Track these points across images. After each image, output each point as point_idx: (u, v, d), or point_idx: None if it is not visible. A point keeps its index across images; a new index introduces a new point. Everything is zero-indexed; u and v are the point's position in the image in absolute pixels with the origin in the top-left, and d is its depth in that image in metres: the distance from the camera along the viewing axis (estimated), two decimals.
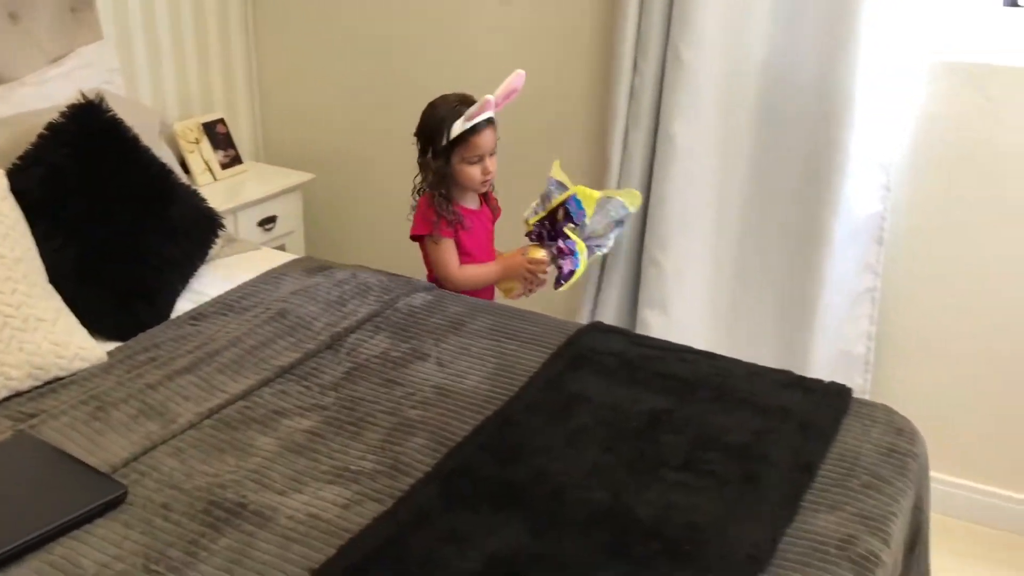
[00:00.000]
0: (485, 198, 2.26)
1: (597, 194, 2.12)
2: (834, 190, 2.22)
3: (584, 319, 2.53)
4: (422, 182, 2.16)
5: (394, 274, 2.19)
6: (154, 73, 2.79)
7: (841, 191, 2.21)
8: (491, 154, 2.11)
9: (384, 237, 3.07)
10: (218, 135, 2.92)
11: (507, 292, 2.25)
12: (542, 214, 2.16)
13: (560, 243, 2.12)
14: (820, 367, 2.31)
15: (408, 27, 2.80)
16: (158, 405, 1.65)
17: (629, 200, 2.15)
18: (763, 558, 1.31)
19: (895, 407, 1.74)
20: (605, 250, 2.19)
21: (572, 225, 2.12)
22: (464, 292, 2.15)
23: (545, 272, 2.19)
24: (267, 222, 2.84)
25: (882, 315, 2.36)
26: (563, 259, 2.13)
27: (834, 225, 2.23)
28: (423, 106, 2.12)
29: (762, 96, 2.30)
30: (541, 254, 2.17)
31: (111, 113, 2.08)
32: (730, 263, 2.42)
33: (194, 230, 2.18)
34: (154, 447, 1.55)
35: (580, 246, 2.12)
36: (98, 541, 1.33)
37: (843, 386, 1.76)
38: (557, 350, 1.86)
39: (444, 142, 2.07)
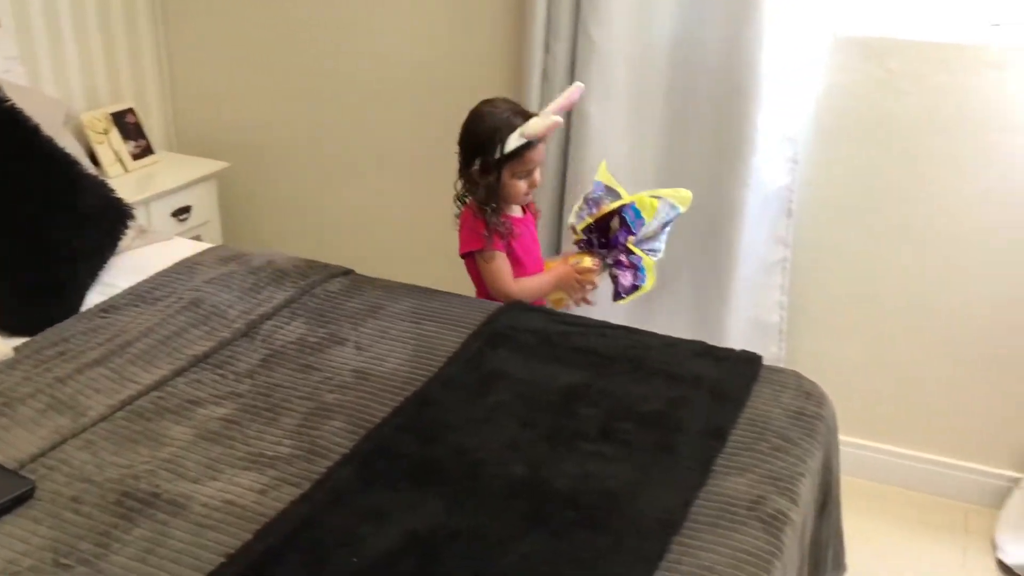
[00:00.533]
0: (526, 204, 2.15)
1: (656, 202, 2.00)
2: (744, 164, 2.27)
3: None
4: (466, 194, 2.04)
5: (311, 260, 2.17)
6: (57, 62, 2.71)
7: (751, 165, 2.26)
8: (537, 165, 2.00)
9: (301, 224, 3.04)
10: (128, 125, 2.85)
11: (556, 303, 2.13)
12: (589, 220, 2.03)
13: (622, 257, 2.02)
14: (736, 337, 2.37)
15: (322, 12, 2.77)
16: (67, 399, 1.61)
17: (679, 200, 2.02)
18: (675, 521, 1.34)
19: (808, 374, 1.79)
20: (659, 254, 2.08)
21: (632, 236, 2.01)
22: (528, 301, 2.04)
23: (594, 283, 2.07)
24: (181, 212, 2.79)
25: (793, 285, 2.42)
26: (622, 271, 2.03)
27: (745, 198, 2.28)
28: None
29: (672, 74, 2.33)
30: (589, 262, 2.05)
31: (9, 103, 2.01)
32: None
33: (102, 221, 2.13)
34: (64, 441, 1.51)
35: (647, 262, 2.03)
36: (4, 538, 1.30)
37: (753, 354, 1.81)
38: (476, 329, 1.87)
39: (497, 155, 1.93)
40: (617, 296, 2.06)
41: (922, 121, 2.23)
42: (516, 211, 2.08)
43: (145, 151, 2.88)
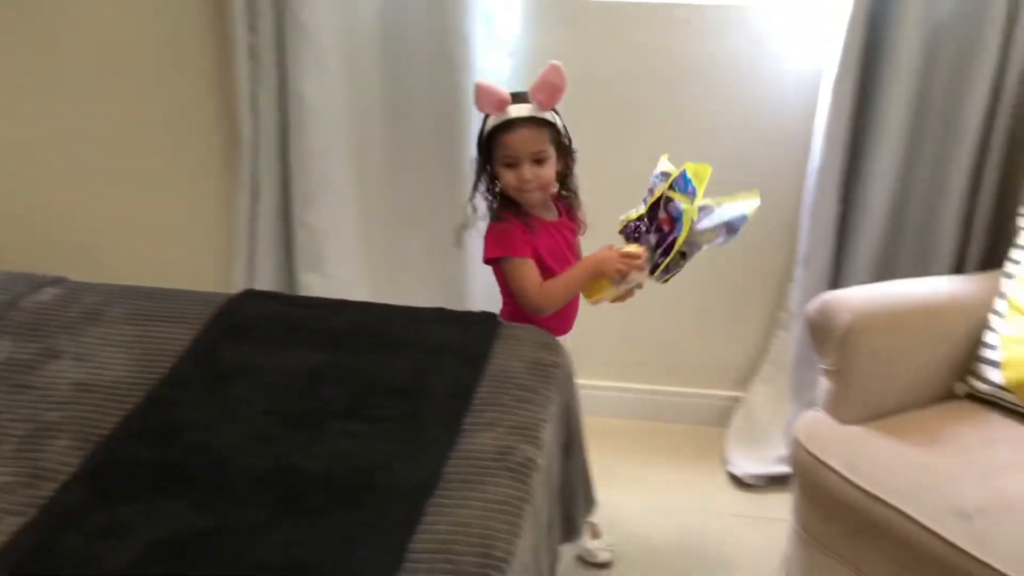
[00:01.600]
0: (568, 210, 1.94)
1: (709, 167, 1.74)
2: (464, 132, 2.32)
3: (240, 288, 2.46)
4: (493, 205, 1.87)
5: (12, 272, 1.98)
6: None
7: (470, 132, 2.31)
8: (534, 160, 1.76)
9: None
10: None
11: (595, 294, 1.84)
12: (643, 209, 1.82)
13: (661, 212, 1.76)
14: (479, 300, 2.43)
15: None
16: None
17: (748, 200, 1.76)
18: (428, 484, 1.37)
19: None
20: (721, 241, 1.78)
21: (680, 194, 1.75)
22: (559, 308, 1.84)
23: (641, 268, 1.79)
24: None
25: None
26: (667, 236, 1.75)
27: (468, 166, 2.33)
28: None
29: (385, 46, 2.33)
30: (635, 248, 1.79)
31: None
32: (380, 214, 2.46)
33: None
34: None
35: (687, 208, 1.72)
36: None
37: (491, 313, 1.87)
38: (208, 323, 1.79)
39: (482, 139, 1.82)
40: (655, 269, 1.77)
41: (623, 77, 2.37)
42: (548, 214, 1.90)
43: None
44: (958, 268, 2.20)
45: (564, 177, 1.88)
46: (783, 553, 1.95)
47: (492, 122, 1.77)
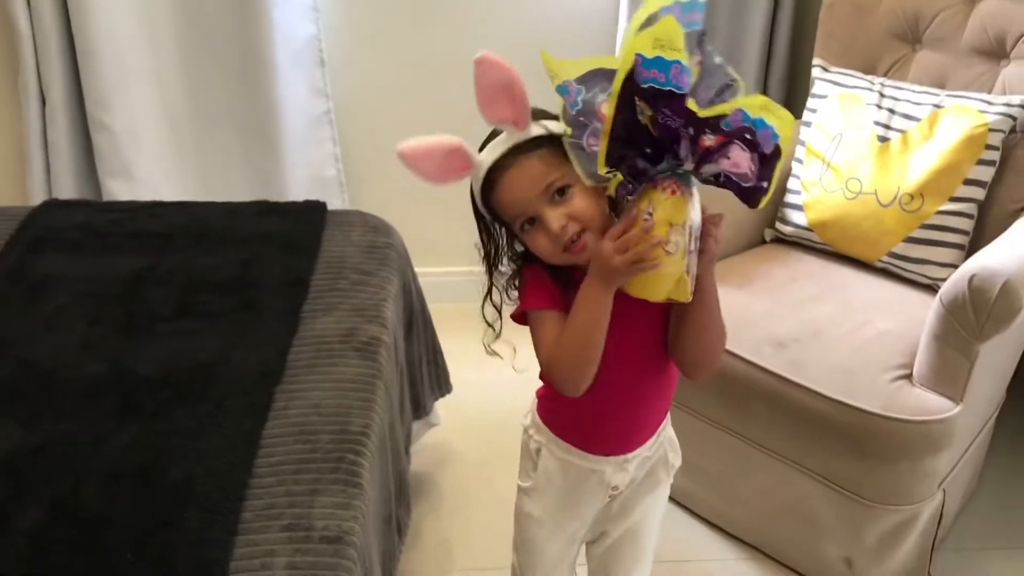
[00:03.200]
0: None
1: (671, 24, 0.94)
2: (265, 17, 2.20)
3: (38, 201, 2.28)
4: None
5: None
6: None
7: (271, 17, 2.20)
8: (554, 197, 1.07)
9: None
10: None
11: (649, 290, 1.03)
12: (602, 141, 1.01)
13: (706, 138, 0.95)
14: (299, 196, 2.36)
15: None
16: None
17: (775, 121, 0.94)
18: (274, 371, 1.35)
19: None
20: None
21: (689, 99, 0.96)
22: (576, 369, 1.09)
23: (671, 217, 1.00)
24: None
25: (342, 135, 2.45)
26: (720, 156, 0.95)
27: (273, 52, 2.23)
28: None
29: None
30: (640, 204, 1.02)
31: None
32: (183, 110, 2.32)
33: None
34: None
35: (750, 103, 0.94)
36: None
37: (317, 202, 1.83)
38: (11, 237, 1.67)
39: (477, 207, 1.18)
40: (749, 192, 0.97)
41: None
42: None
43: None
44: None
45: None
46: None
47: (474, 184, 1.13)
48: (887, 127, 1.84)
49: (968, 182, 1.75)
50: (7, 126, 2.33)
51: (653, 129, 0.95)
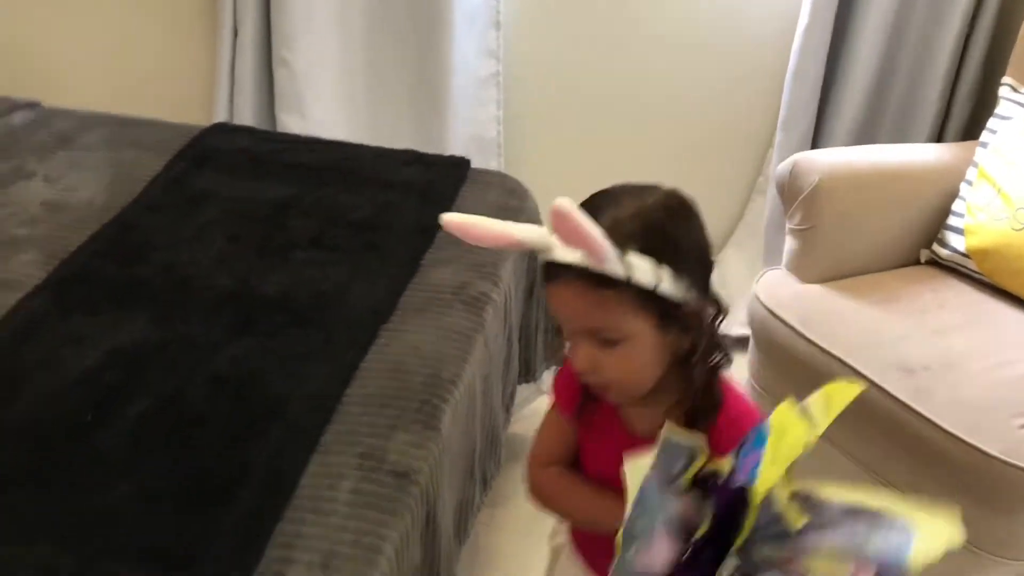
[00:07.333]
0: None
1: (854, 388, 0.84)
2: None
3: None
4: None
5: None
6: None
7: None
8: (594, 338, 0.89)
9: None
10: None
11: None
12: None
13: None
14: (457, 153, 2.41)
15: None
16: None
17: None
18: (384, 310, 1.41)
19: (526, 183, 1.86)
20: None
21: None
22: (549, 511, 1.09)
23: None
24: None
25: (507, 99, 2.49)
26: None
27: (451, 9, 2.29)
28: None
29: None
30: None
31: None
32: (360, 58, 2.42)
33: None
34: None
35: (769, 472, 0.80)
36: None
37: (462, 158, 1.87)
38: (179, 152, 1.80)
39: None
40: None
41: None
42: (639, 416, 1.01)
43: None
44: (939, 138, 2.18)
45: (686, 368, 0.92)
46: None
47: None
48: None
49: None
50: (203, 53, 2.50)
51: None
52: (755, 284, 1.86)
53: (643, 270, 0.84)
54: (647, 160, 2.55)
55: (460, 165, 1.84)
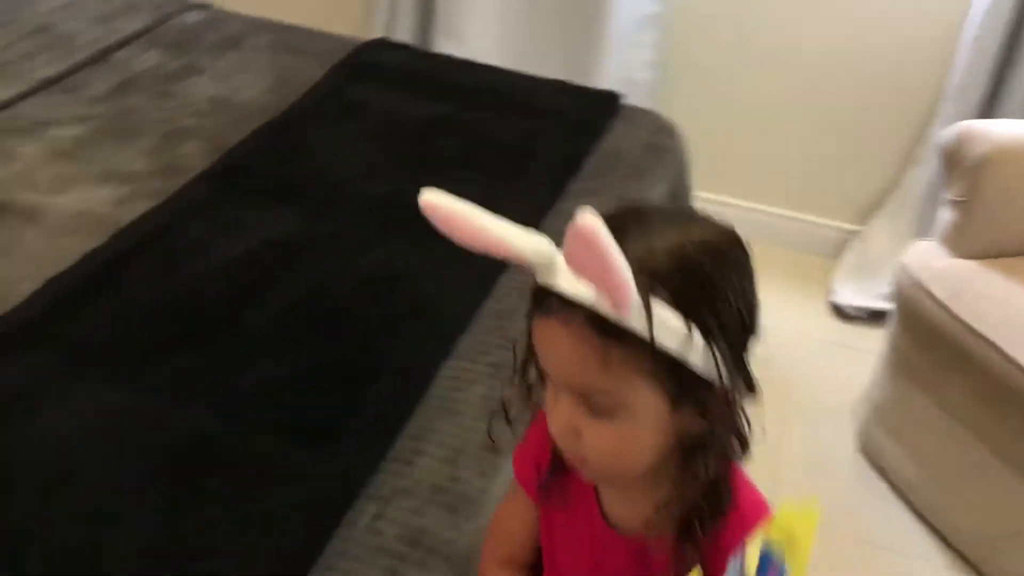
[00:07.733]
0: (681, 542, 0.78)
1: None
2: None
3: None
4: None
5: None
6: None
7: None
8: (580, 397, 0.72)
9: None
10: None
11: None
12: None
13: None
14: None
15: None
16: None
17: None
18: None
19: None
20: None
21: None
22: None
23: None
24: None
25: (667, 43, 2.44)
26: None
27: None
28: None
29: None
30: None
31: None
32: None
33: None
34: None
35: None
36: None
37: (613, 92, 1.85)
38: (339, 62, 1.84)
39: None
40: None
41: None
42: (616, 499, 0.84)
43: None
44: None
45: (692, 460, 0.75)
46: (869, 380, 1.95)
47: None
48: None
49: None
50: None
51: None
52: (906, 254, 1.80)
53: (669, 329, 0.66)
54: (801, 125, 2.47)
55: (611, 98, 1.82)
